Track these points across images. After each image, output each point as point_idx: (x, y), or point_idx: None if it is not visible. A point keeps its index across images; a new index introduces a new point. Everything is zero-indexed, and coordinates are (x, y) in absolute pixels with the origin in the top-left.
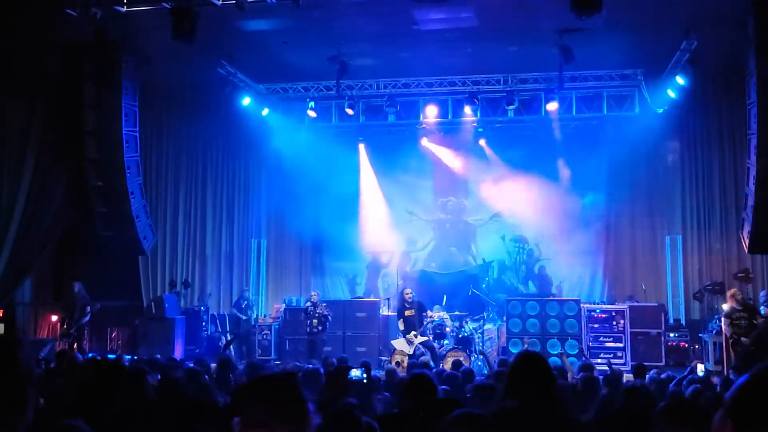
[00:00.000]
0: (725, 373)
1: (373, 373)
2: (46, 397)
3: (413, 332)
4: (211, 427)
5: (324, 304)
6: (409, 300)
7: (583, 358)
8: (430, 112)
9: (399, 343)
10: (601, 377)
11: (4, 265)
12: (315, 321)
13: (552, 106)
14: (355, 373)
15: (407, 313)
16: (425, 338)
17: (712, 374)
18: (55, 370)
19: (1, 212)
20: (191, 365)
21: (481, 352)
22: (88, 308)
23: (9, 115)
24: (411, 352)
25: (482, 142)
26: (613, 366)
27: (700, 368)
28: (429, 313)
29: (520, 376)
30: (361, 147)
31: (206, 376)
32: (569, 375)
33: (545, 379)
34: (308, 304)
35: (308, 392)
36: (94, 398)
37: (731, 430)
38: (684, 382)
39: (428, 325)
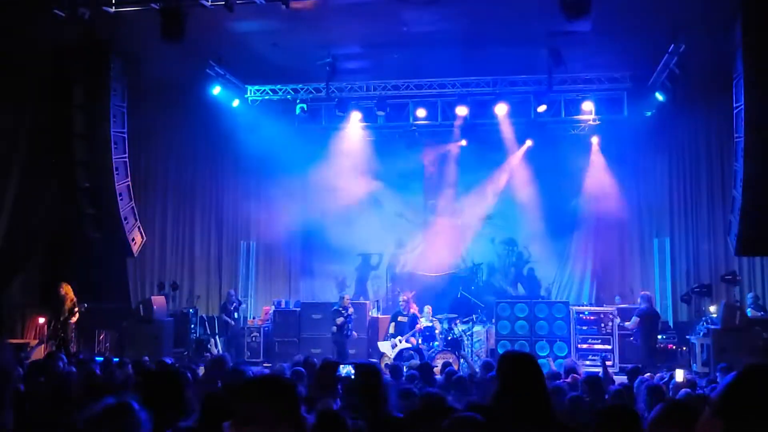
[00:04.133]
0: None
1: None
2: (31, 397)
3: (399, 337)
4: None
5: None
6: (405, 307)
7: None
8: (420, 114)
9: (384, 346)
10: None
11: None
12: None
13: (541, 109)
14: (344, 369)
15: (401, 318)
16: (408, 344)
17: (700, 375)
18: (43, 371)
19: None
20: None
21: (461, 356)
22: (76, 309)
23: None
24: (392, 356)
25: (472, 144)
26: (607, 368)
27: (679, 374)
28: (419, 326)
29: (511, 377)
30: (353, 149)
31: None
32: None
33: (536, 380)
34: (339, 307)
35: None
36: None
37: (721, 429)
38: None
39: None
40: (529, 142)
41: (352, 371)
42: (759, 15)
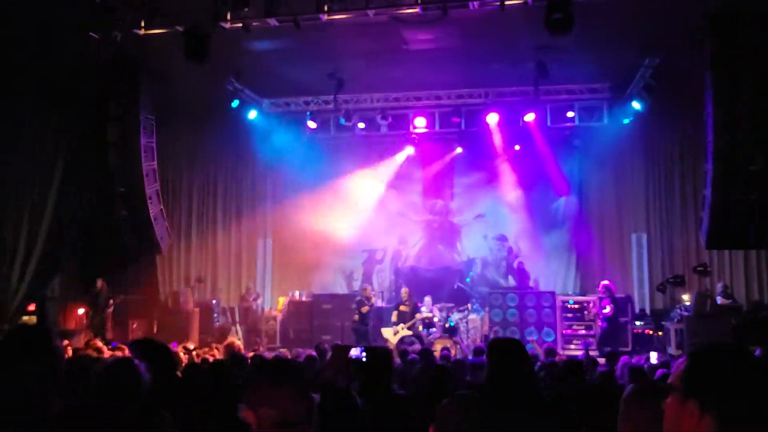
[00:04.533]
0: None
1: None
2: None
3: (401, 325)
4: None
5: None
6: (406, 298)
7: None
8: (419, 123)
9: (387, 332)
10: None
11: (36, 263)
12: (365, 309)
13: (528, 117)
14: (354, 351)
15: (402, 307)
16: (410, 332)
17: (674, 357)
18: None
19: (34, 214)
20: None
21: (455, 341)
22: (111, 302)
23: (41, 127)
24: (395, 342)
25: (466, 149)
26: (590, 353)
27: (653, 356)
28: (418, 316)
29: (499, 361)
30: (357, 155)
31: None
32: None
33: (521, 362)
34: (363, 298)
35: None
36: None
37: (697, 410)
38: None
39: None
40: (517, 147)
41: (363, 354)
42: (725, 31)
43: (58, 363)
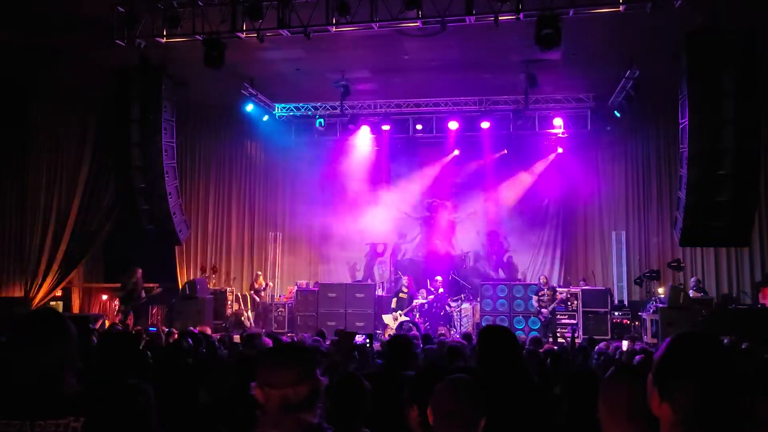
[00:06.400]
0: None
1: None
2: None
3: (399, 311)
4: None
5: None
6: (406, 288)
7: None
8: (418, 128)
9: (387, 319)
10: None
11: (63, 250)
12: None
13: (518, 124)
14: (359, 338)
15: (401, 295)
16: (406, 318)
17: (650, 346)
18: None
19: (61, 209)
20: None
21: (448, 328)
22: (143, 293)
23: (69, 128)
24: (394, 327)
25: (461, 152)
26: (567, 340)
27: (625, 344)
28: (416, 302)
29: (490, 346)
30: (363, 156)
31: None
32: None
33: (510, 347)
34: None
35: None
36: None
37: (658, 396)
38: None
39: (415, 309)
40: (505, 151)
41: (366, 340)
42: (700, 44)
43: (71, 345)
